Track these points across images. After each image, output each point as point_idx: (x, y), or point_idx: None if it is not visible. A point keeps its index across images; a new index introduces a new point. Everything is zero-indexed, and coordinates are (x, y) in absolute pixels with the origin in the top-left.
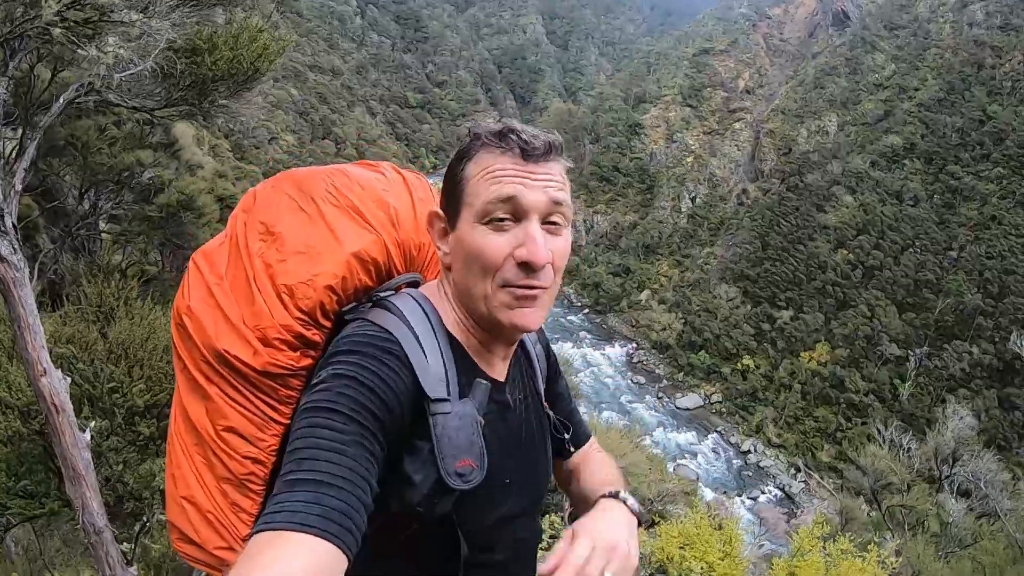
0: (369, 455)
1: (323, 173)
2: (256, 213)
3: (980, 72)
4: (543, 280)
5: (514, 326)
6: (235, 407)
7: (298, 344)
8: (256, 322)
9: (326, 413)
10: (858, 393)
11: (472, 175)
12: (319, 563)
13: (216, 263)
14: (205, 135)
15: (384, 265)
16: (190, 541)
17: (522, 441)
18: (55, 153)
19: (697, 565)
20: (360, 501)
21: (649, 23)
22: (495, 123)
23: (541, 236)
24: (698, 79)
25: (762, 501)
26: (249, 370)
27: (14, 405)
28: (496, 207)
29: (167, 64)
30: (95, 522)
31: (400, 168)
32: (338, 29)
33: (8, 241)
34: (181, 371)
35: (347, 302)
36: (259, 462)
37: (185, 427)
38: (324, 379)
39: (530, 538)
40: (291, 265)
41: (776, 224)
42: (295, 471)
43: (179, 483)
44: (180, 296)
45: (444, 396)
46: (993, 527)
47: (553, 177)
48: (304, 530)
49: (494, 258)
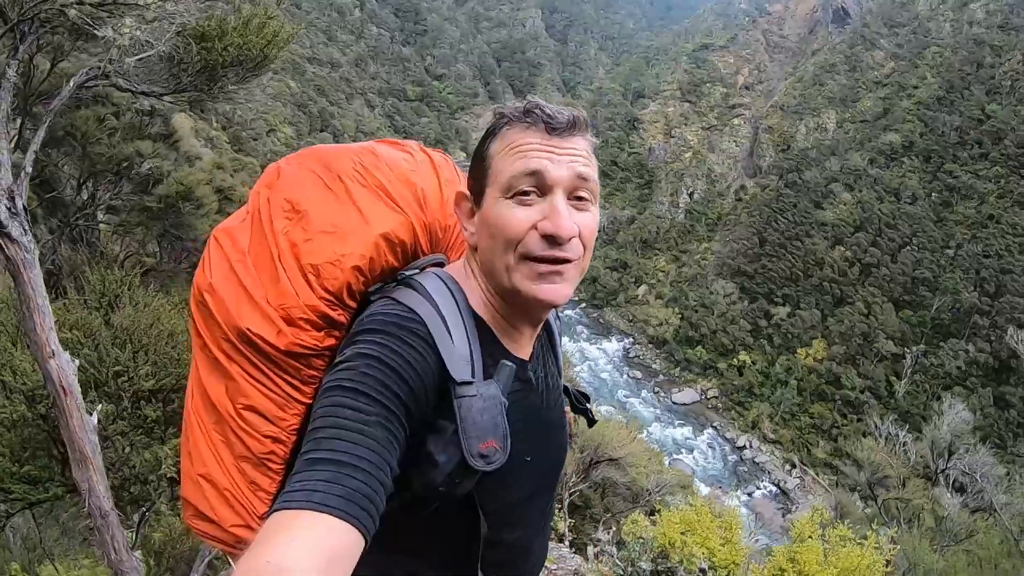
0: (391, 437)
1: (351, 151)
2: (280, 190)
3: (979, 71)
4: (569, 252)
5: (539, 300)
6: (256, 386)
7: (323, 324)
8: (280, 301)
9: (350, 393)
10: (854, 390)
11: (497, 152)
12: (338, 544)
13: (238, 240)
14: (204, 127)
15: (411, 246)
16: (205, 518)
17: (543, 419)
18: (54, 143)
19: (699, 550)
20: (380, 483)
21: (649, 18)
22: (520, 101)
23: (566, 209)
24: (697, 74)
25: (757, 497)
26: (272, 349)
27: (19, 389)
28: (520, 181)
29: (178, 49)
30: (101, 505)
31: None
32: (337, 21)
33: (19, 222)
34: (201, 348)
35: (373, 283)
36: (279, 441)
37: (203, 405)
38: (348, 358)
39: (547, 515)
40: (317, 244)
41: (774, 220)
42: (316, 450)
43: (196, 461)
44: (200, 273)
45: (469, 378)
46: (988, 521)
47: (579, 152)
48: (324, 510)
49: (517, 230)
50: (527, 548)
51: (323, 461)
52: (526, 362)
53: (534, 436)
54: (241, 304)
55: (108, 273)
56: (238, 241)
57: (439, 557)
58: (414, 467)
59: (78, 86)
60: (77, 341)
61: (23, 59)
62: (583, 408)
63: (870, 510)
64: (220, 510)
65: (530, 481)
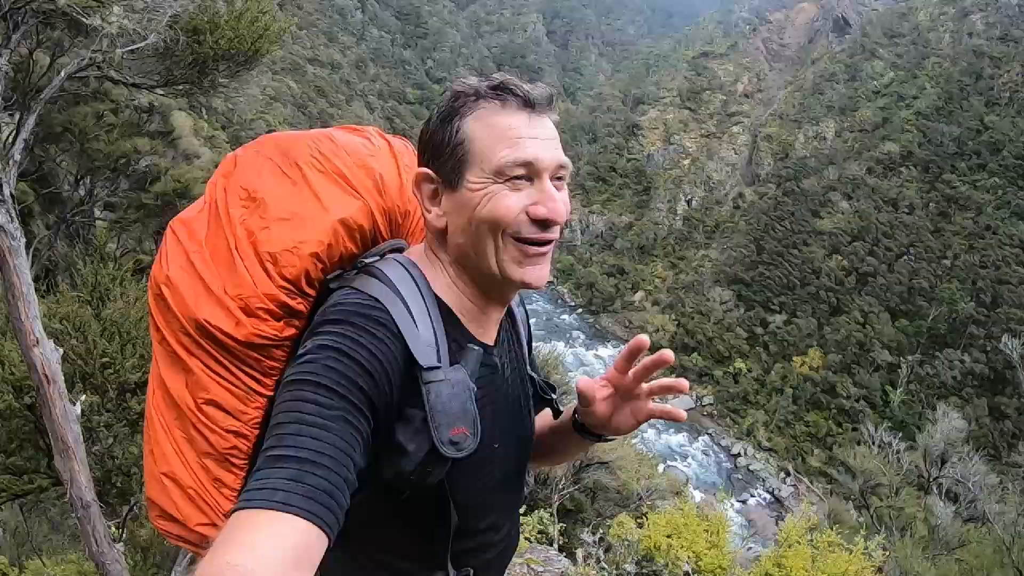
0: (354, 430)
1: (307, 137)
2: (237, 178)
3: (978, 82)
4: (555, 233)
5: (524, 283)
6: (217, 379)
7: (282, 314)
8: (238, 291)
9: (311, 387)
10: (849, 399)
11: (477, 133)
12: (299, 544)
13: (195, 231)
14: (203, 126)
15: (370, 231)
16: (171, 518)
17: (510, 404)
18: (52, 139)
19: (684, 554)
20: (343, 479)
21: (650, 25)
22: (482, 78)
23: (557, 194)
24: (697, 82)
25: (751, 504)
26: (231, 341)
27: (7, 380)
28: (513, 169)
29: (168, 41)
30: (83, 496)
31: (385, 134)
32: (338, 23)
33: (5, 210)
34: (160, 343)
35: (332, 270)
36: (242, 436)
37: (164, 401)
38: (310, 350)
39: (516, 501)
40: (275, 232)
41: (771, 228)
42: (277, 446)
43: (158, 459)
44: (157, 265)
45: (435, 364)
46: (981, 531)
47: (555, 135)
48: (285, 509)
49: (508, 214)
50: (497, 537)
51: (284, 458)
52: (491, 347)
53: (502, 422)
54: (199, 296)
55: (101, 267)
56: (195, 232)
57: (410, 547)
58: (384, 457)
59: (69, 76)
60: (66, 332)
61: (20, 52)
62: (548, 399)
63: (863, 519)
64: (185, 509)
65: (499, 467)
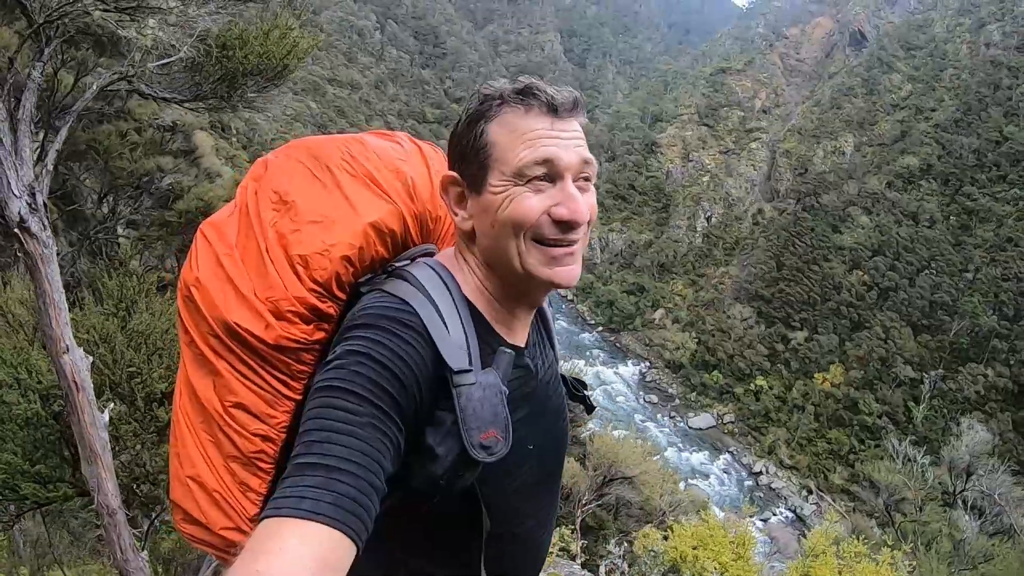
0: (383, 437)
1: (338, 141)
2: (268, 182)
3: (996, 93)
4: (579, 233)
5: (555, 283)
6: (245, 383)
7: (312, 317)
8: (268, 294)
9: (340, 393)
10: (872, 415)
11: (499, 137)
12: (328, 553)
13: (226, 234)
14: (225, 145)
15: (400, 236)
16: (195, 522)
17: (545, 406)
18: (76, 157)
19: (711, 565)
20: (372, 486)
21: (667, 42)
22: (509, 81)
23: (579, 195)
24: (715, 98)
25: (773, 522)
26: (260, 344)
27: (34, 388)
28: (533, 169)
29: (199, 56)
30: (109, 503)
31: (416, 139)
32: (357, 43)
33: (38, 218)
34: (188, 346)
35: (363, 273)
36: (269, 440)
37: (191, 404)
38: (339, 356)
39: (550, 506)
40: (305, 235)
41: (791, 244)
42: (306, 454)
43: (184, 462)
44: (187, 268)
45: (466, 367)
46: (1006, 545)
47: (580, 135)
48: (313, 518)
49: (531, 217)
50: (531, 541)
51: (313, 466)
52: (523, 349)
53: (535, 423)
54: (228, 298)
55: (126, 280)
56: (225, 235)
57: (443, 554)
58: (414, 461)
59: (101, 88)
60: (92, 342)
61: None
62: (581, 395)
63: (887, 536)
64: (210, 513)
65: (533, 470)
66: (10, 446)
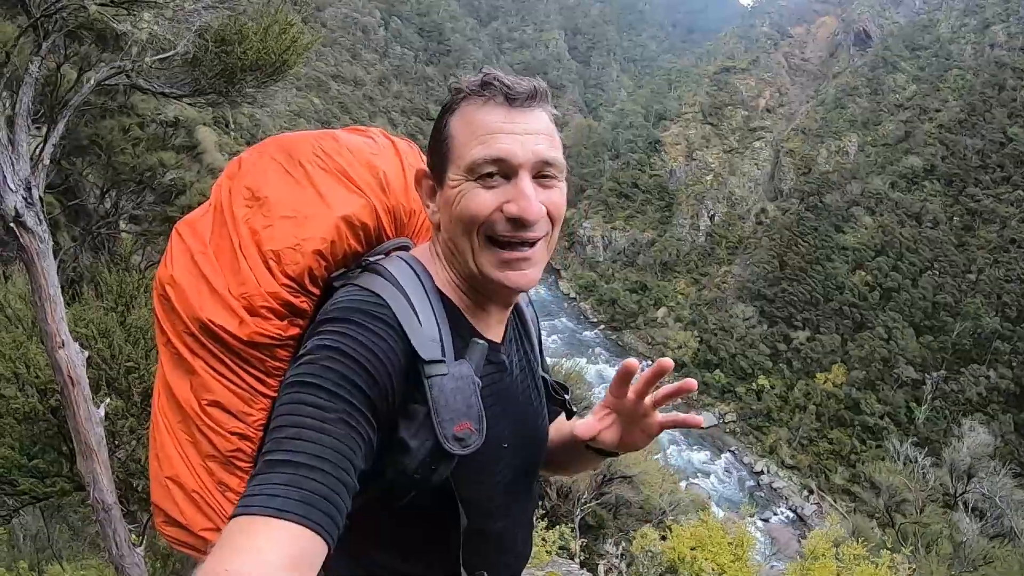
0: (354, 432)
1: (311, 137)
2: (242, 179)
3: (1001, 93)
4: (537, 231)
5: (505, 287)
6: (221, 380)
7: (285, 312)
8: (242, 290)
9: (310, 388)
10: (873, 416)
11: (457, 131)
12: (298, 552)
13: (200, 232)
14: (228, 141)
15: (374, 230)
16: (176, 524)
17: (520, 403)
18: (78, 152)
19: (708, 566)
20: (343, 483)
21: (671, 40)
22: (477, 74)
23: (532, 191)
24: (719, 97)
25: (774, 522)
26: (235, 341)
27: (31, 383)
28: (483, 166)
29: (197, 51)
30: (104, 498)
31: (390, 135)
32: (361, 40)
33: (35, 212)
34: (164, 345)
35: (336, 268)
36: (246, 438)
37: (169, 404)
38: (310, 350)
39: (528, 504)
40: (278, 230)
41: (794, 244)
42: (276, 450)
43: (163, 463)
44: (163, 266)
45: (439, 357)
46: (1006, 547)
47: (540, 130)
48: (283, 516)
49: (479, 213)
50: (508, 540)
51: (283, 463)
52: (498, 344)
53: (510, 422)
54: (202, 295)
55: (125, 275)
56: (200, 233)
57: (419, 552)
58: (387, 456)
59: (98, 83)
60: (91, 337)
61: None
62: (561, 399)
63: (887, 538)
64: (189, 513)
65: (508, 468)
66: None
